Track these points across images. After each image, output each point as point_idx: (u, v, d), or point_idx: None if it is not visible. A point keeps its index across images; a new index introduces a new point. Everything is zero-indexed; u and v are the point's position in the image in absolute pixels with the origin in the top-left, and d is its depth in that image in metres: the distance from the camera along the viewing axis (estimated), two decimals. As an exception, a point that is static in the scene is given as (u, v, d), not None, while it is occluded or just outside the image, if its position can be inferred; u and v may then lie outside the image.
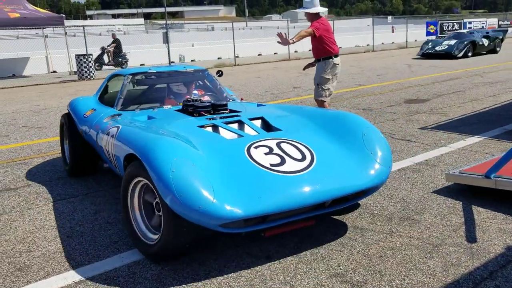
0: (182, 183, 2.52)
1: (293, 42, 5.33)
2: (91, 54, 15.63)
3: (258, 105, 4.27)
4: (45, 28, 18.69)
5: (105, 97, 4.96)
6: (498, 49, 19.05)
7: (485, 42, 18.19)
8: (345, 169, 2.93)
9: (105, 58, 19.21)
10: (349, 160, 3.01)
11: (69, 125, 4.81)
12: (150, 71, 4.71)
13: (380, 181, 2.97)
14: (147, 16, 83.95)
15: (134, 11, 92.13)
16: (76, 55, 15.65)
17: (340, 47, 5.93)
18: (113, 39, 19.33)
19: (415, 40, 28.39)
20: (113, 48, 19.11)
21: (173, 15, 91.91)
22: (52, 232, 3.44)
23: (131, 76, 4.60)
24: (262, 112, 3.78)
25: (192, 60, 23.00)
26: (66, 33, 17.64)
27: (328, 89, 5.70)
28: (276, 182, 2.69)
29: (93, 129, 4.18)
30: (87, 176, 4.77)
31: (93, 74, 15.75)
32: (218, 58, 23.42)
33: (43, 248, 3.18)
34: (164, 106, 4.30)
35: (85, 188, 4.43)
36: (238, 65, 18.97)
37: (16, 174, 4.98)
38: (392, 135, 5.91)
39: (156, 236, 2.89)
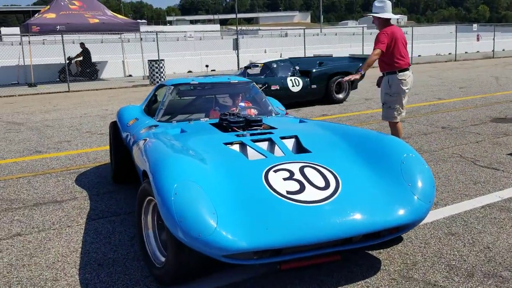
0: (183, 208, 2.34)
1: (362, 74, 4.86)
2: (162, 60, 15.85)
3: (301, 121, 4.00)
4: (123, 33, 19.35)
5: (151, 107, 4.84)
6: None
7: None
8: (375, 201, 2.59)
9: (73, 69, 18.13)
10: (382, 191, 2.67)
11: (114, 133, 4.83)
12: (193, 82, 4.56)
13: (417, 218, 2.60)
14: (223, 22, 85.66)
15: (211, 17, 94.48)
16: (148, 60, 15.96)
17: (419, 55, 5.36)
18: (81, 49, 18.21)
19: (503, 50, 26.27)
20: (80, 58, 18.02)
21: (249, 21, 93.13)
22: (84, 258, 3.17)
23: (173, 86, 4.48)
24: (298, 130, 3.50)
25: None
26: (141, 38, 18.09)
27: (396, 108, 5.03)
28: (290, 212, 2.43)
29: (131, 138, 4.11)
30: (133, 188, 4.55)
31: (164, 79, 15.96)
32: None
33: (70, 278, 2.90)
34: (202, 119, 4.14)
35: (129, 206, 4.17)
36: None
37: (66, 185, 4.85)
38: (475, 161, 5.14)
39: (163, 259, 2.75)
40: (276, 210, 2.43)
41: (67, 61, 16.80)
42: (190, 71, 21.29)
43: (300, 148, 3.24)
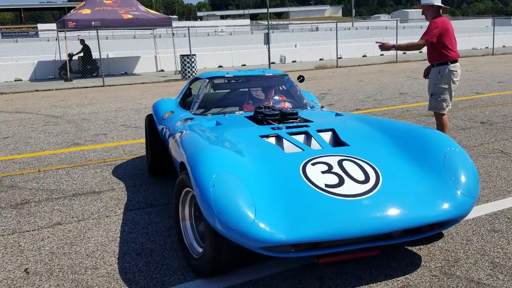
0: (221, 200, 2.35)
1: (395, 49, 4.78)
2: (194, 55, 15.96)
3: (337, 114, 3.93)
4: (155, 28, 19.59)
5: (186, 101, 4.89)
6: None
7: None
8: (417, 196, 2.53)
9: (74, 66, 17.92)
10: (423, 186, 2.59)
11: (150, 126, 4.91)
12: (227, 75, 4.57)
13: (460, 214, 2.52)
14: (253, 17, 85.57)
15: (241, 12, 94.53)
16: (180, 55, 16.11)
17: None
18: (82, 46, 17.93)
19: (543, 43, 25.28)
20: (81, 55, 17.81)
21: (279, 15, 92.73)
22: (123, 247, 3.22)
23: (208, 80, 4.52)
24: (335, 123, 3.43)
25: (293, 61, 22.74)
26: (173, 34, 18.28)
27: (445, 100, 4.92)
28: (329, 205, 2.40)
29: (167, 131, 4.17)
30: (168, 180, 4.60)
31: (196, 73, 16.08)
32: (320, 59, 22.85)
33: (109, 266, 2.95)
34: (237, 112, 4.12)
35: (165, 197, 4.22)
36: (340, 67, 18.23)
37: (103, 176, 4.95)
38: (517, 157, 4.97)
39: (201, 250, 2.77)
40: (314, 203, 2.40)
41: (68, 58, 17.07)
42: (220, 66, 21.37)
43: (337, 141, 3.19)
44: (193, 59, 15.82)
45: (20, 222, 3.73)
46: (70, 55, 17.77)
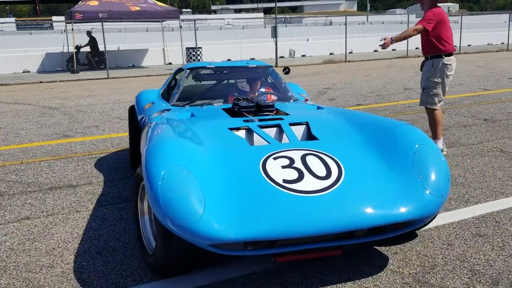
0: (169, 194, 2.23)
1: (394, 41, 4.54)
2: (200, 48, 15.83)
3: (318, 107, 3.79)
4: (164, 21, 19.47)
5: (168, 92, 4.73)
6: None
7: None
8: (380, 193, 2.38)
9: (82, 58, 17.78)
10: (388, 183, 2.45)
11: (131, 117, 4.82)
12: (209, 66, 4.46)
13: (425, 214, 2.37)
14: (267, 11, 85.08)
15: (255, 6, 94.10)
16: (186, 48, 15.99)
17: (468, 45, 4.94)
18: (89, 38, 17.71)
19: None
20: (88, 47, 17.54)
21: (293, 9, 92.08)
22: (85, 245, 3.08)
23: (189, 70, 4.40)
24: (310, 116, 3.30)
25: (303, 55, 22.47)
26: (181, 26, 18.11)
27: (437, 94, 4.70)
28: (284, 202, 2.27)
29: (144, 122, 4.05)
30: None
31: (202, 67, 15.94)
32: (330, 54, 22.54)
33: (66, 265, 2.81)
34: (218, 104, 3.98)
35: (141, 192, 4.07)
36: (348, 61, 17.92)
37: (84, 169, 4.82)
38: (517, 156, 4.71)
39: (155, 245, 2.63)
40: (269, 199, 2.27)
41: (75, 50, 17.01)
42: (229, 59, 21.19)
43: (309, 135, 3.06)
44: (198, 52, 15.69)
45: (-12, 216, 3.62)
46: (78, 47, 17.76)
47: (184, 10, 64.02)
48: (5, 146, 5.93)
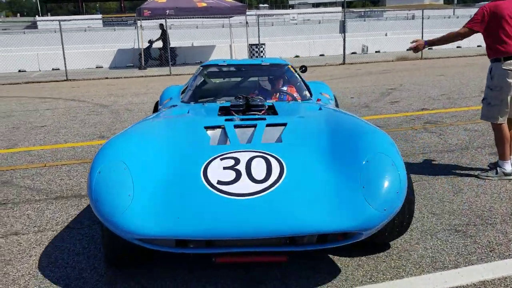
0: (101, 188, 2.36)
1: (428, 45, 4.06)
2: (263, 44, 15.39)
3: (320, 108, 3.69)
4: (232, 16, 19.26)
5: (186, 88, 4.77)
6: None
7: None
8: (317, 201, 2.30)
9: (154, 53, 17.38)
10: (330, 191, 2.36)
11: (154, 111, 5.11)
12: (223, 64, 4.50)
13: (362, 226, 2.22)
14: (348, 5, 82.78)
15: None
16: (249, 44, 15.63)
17: None
18: (161, 30, 17.07)
19: None
20: (160, 42, 16.98)
21: (375, 3, 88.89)
22: (56, 273, 2.71)
23: (202, 68, 4.45)
24: (294, 118, 3.30)
25: (376, 51, 21.28)
26: (246, 22, 17.75)
27: (497, 106, 3.86)
28: (210, 203, 2.29)
29: None
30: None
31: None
32: (407, 50, 21.10)
33: None
34: (218, 101, 3.99)
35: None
36: (425, 58, 16.56)
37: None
38: None
39: None
40: (196, 200, 2.31)
41: (149, 44, 17.08)
42: (297, 56, 20.57)
43: (279, 137, 2.98)
44: (261, 48, 15.26)
45: (-20, 228, 3.40)
46: (151, 42, 18.02)
47: (261, 5, 63.94)
48: (39, 146, 5.85)
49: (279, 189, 2.32)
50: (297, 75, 4.40)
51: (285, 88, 4.32)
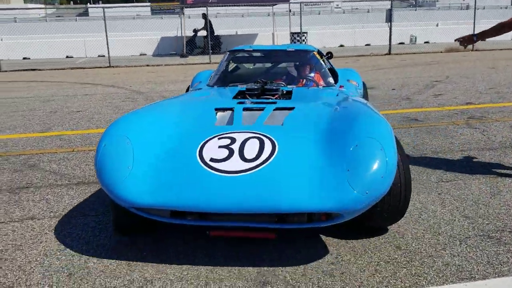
0: (104, 159, 2.59)
1: (478, 39, 3.85)
2: (305, 33, 15.07)
3: (338, 94, 3.76)
4: (275, 4, 18.99)
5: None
6: None
7: None
8: (302, 181, 2.39)
9: (199, 42, 17.20)
10: (316, 173, 2.44)
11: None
12: (249, 49, 4.61)
13: (343, 208, 2.30)
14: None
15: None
16: (290, 32, 15.36)
17: None
18: (204, 20, 16.78)
19: None
20: (204, 31, 16.64)
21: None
22: (62, 262, 2.67)
23: (229, 52, 4.62)
24: (301, 104, 3.33)
25: (425, 42, 20.43)
26: (290, 10, 17.43)
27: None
28: (201, 178, 2.45)
29: None
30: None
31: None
32: (455, 40, 20.10)
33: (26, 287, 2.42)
34: (240, 85, 4.06)
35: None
36: (476, 50, 15.72)
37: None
38: None
39: None
40: (188, 174, 2.47)
41: (193, 33, 17.01)
42: (341, 45, 20.07)
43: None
44: (303, 37, 14.95)
45: (-1, 211, 3.43)
46: (195, 31, 18.05)
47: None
48: (71, 131, 5.92)
49: (266, 168, 2.43)
50: (322, 62, 4.43)
51: (311, 75, 4.35)
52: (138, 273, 2.50)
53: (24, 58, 18.67)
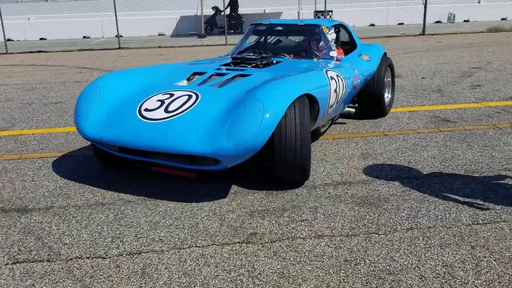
0: (78, 103, 3.42)
1: None
2: (330, 11, 13.82)
3: (328, 70, 3.75)
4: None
5: None
6: None
7: None
8: (196, 131, 2.92)
9: (220, 21, 16.03)
10: (211, 126, 2.93)
11: None
12: (268, 23, 4.91)
13: (216, 154, 2.80)
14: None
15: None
16: (314, 11, 14.20)
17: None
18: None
19: None
20: (228, 10, 15.51)
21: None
22: None
23: (251, 26, 4.98)
24: (261, 72, 3.78)
25: (465, 20, 18.75)
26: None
27: None
28: (131, 122, 3.12)
29: None
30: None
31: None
32: (502, 19, 18.32)
33: None
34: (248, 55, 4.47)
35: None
36: (524, 30, 14.06)
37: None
38: None
39: None
40: (125, 119, 3.17)
41: (214, 12, 15.93)
42: (372, 25, 18.62)
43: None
44: (328, 16, 13.70)
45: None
46: (216, 9, 17.02)
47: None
48: (33, 130, 5.06)
49: (177, 119, 3.02)
50: (328, 36, 4.59)
51: (316, 48, 4.58)
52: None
53: (41, 39, 18.19)
